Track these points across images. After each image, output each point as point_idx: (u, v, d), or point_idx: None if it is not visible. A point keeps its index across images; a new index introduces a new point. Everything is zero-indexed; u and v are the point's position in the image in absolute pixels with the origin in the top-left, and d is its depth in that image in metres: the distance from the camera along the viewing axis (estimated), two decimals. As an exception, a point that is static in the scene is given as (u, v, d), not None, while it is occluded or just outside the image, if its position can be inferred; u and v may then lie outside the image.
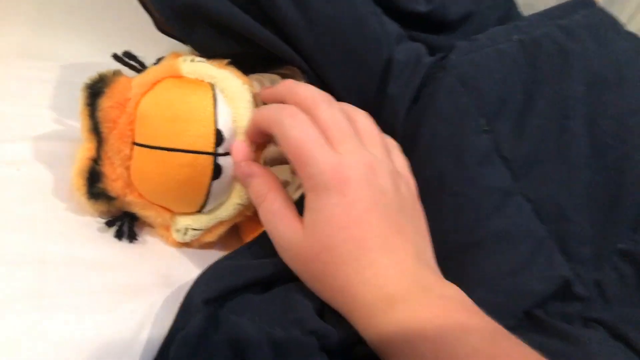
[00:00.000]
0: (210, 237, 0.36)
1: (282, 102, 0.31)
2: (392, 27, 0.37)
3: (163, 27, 0.38)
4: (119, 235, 0.34)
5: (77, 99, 0.32)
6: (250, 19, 0.34)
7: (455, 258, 0.30)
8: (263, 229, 0.34)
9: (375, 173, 0.28)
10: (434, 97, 0.34)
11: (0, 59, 0.47)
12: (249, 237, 0.36)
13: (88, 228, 0.33)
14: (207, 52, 0.37)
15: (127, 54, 0.35)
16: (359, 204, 0.27)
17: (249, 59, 0.37)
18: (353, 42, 0.34)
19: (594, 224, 0.32)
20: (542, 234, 0.31)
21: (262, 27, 0.34)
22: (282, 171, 0.38)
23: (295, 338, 0.26)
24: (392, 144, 0.33)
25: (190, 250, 0.36)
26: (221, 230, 0.36)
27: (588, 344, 0.28)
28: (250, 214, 0.36)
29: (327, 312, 0.28)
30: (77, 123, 0.33)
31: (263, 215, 0.30)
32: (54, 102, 0.42)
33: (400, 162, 0.32)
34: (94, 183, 0.32)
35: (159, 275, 0.33)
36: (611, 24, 0.38)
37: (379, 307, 0.25)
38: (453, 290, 0.27)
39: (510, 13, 0.44)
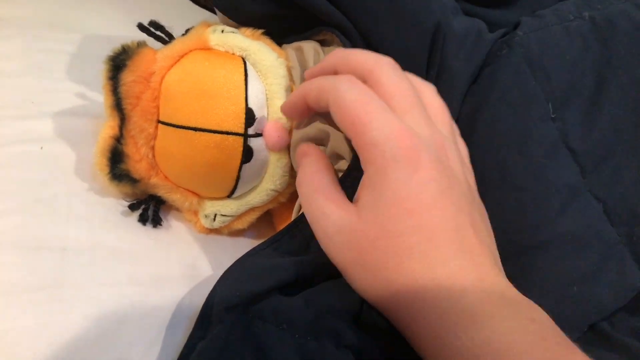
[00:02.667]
0: (241, 224, 0.34)
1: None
2: None
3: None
4: (142, 220, 0.32)
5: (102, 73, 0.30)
6: None
7: (514, 261, 0.27)
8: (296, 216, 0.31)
9: (446, 154, 0.24)
10: (497, 77, 0.30)
11: (27, 30, 0.45)
12: (283, 225, 0.34)
13: (112, 212, 0.31)
14: (236, 15, 0.33)
15: (154, 24, 0.32)
16: (433, 184, 0.22)
17: (282, 24, 0.33)
18: None
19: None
20: (613, 238, 0.28)
21: None
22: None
23: (328, 352, 0.23)
24: (456, 128, 0.29)
25: (219, 237, 0.35)
26: (252, 217, 0.34)
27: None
28: (284, 201, 0.34)
29: (365, 313, 0.25)
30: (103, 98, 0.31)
31: (307, 196, 0.25)
32: (80, 76, 0.41)
33: (464, 150, 0.28)
34: (117, 164, 0.30)
35: (185, 265, 0.31)
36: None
37: (454, 321, 0.20)
38: (539, 313, 0.22)
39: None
